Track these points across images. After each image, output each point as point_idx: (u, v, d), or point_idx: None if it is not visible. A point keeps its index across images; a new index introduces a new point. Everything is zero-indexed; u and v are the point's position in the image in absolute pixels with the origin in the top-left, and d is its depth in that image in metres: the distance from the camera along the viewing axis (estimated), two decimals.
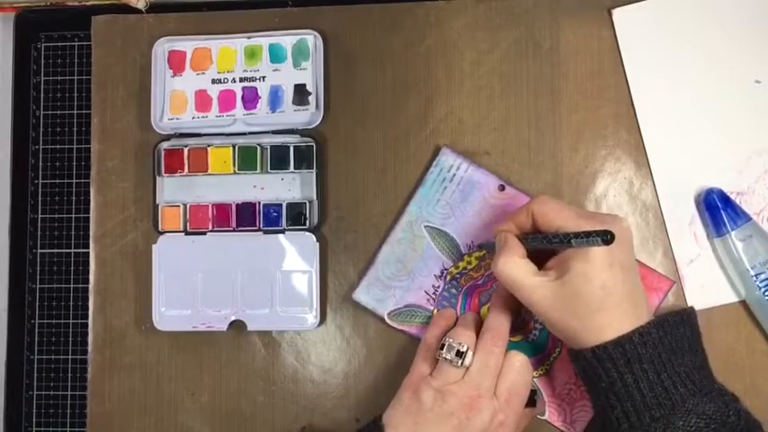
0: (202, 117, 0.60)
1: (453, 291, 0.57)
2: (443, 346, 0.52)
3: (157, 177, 0.60)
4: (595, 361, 0.47)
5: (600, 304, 0.47)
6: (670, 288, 0.56)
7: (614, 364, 0.47)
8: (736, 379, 0.50)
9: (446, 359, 0.51)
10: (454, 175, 0.57)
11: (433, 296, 0.57)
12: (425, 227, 0.58)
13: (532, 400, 0.53)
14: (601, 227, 0.45)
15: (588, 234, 0.45)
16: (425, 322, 0.57)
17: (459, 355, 0.51)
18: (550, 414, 0.56)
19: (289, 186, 0.60)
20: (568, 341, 0.50)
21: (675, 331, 0.48)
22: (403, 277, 0.57)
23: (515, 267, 0.49)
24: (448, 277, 0.57)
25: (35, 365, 0.63)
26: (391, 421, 0.51)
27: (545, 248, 0.50)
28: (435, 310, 0.57)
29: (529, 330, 0.57)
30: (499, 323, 0.53)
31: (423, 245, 0.57)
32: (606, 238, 0.44)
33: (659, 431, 0.45)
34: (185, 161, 0.59)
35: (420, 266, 0.57)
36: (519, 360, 0.52)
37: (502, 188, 0.57)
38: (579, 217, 0.49)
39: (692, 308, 0.51)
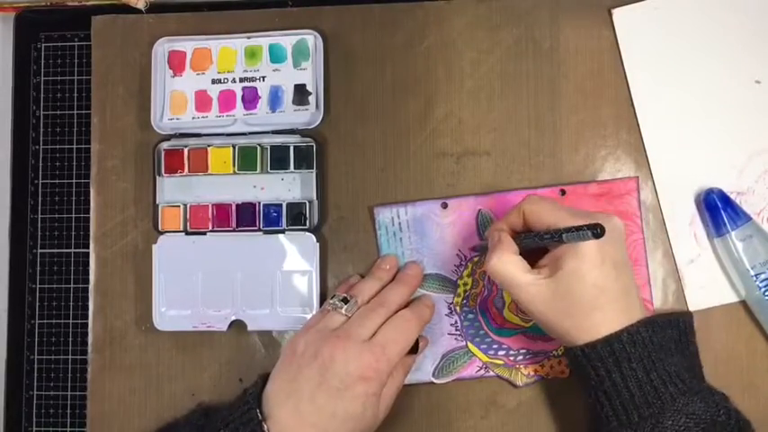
0: (202, 117, 0.60)
1: (471, 316, 0.57)
2: (334, 295, 0.53)
3: (157, 177, 0.60)
4: (585, 359, 0.47)
5: (593, 302, 0.47)
6: (637, 185, 0.56)
7: (603, 363, 0.47)
8: (736, 379, 0.50)
9: (332, 306, 0.52)
10: (399, 223, 0.58)
11: (458, 332, 0.57)
12: None
13: (415, 347, 0.53)
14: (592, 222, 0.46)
15: (579, 228, 0.45)
16: (468, 358, 0.57)
17: (345, 301, 0.52)
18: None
19: (289, 186, 0.60)
20: (562, 340, 0.50)
21: (663, 332, 0.48)
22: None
23: (508, 264, 0.49)
24: (457, 308, 0.57)
25: (35, 365, 0.63)
26: (273, 374, 0.51)
27: (537, 246, 0.50)
28: (469, 343, 0.57)
29: None
30: (389, 295, 0.53)
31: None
32: (596, 231, 0.44)
33: (647, 430, 0.45)
34: (185, 161, 0.59)
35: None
36: (402, 315, 0.52)
37: (444, 206, 0.57)
38: (570, 215, 0.49)
39: (684, 312, 0.51)
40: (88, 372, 0.60)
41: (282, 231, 0.58)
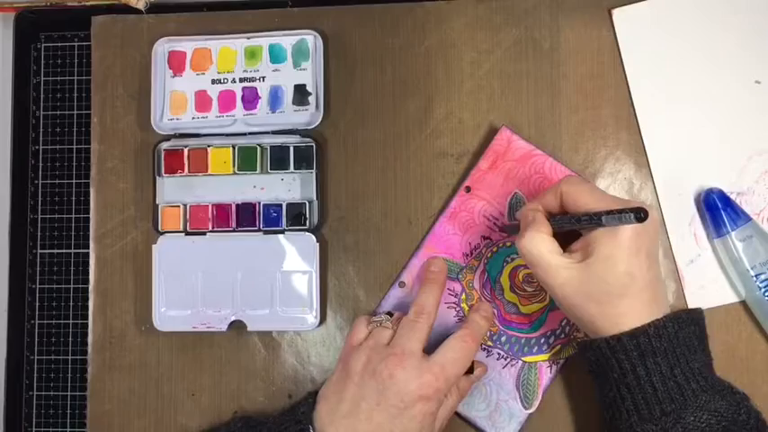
0: (202, 117, 0.60)
1: (503, 338, 0.56)
2: (375, 313, 0.54)
3: (157, 177, 0.60)
4: (609, 351, 0.47)
5: (623, 290, 0.47)
6: (509, 130, 0.57)
7: (627, 356, 0.46)
8: (736, 379, 0.50)
9: (377, 321, 0.53)
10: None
11: (508, 358, 0.56)
12: None
13: (471, 368, 0.53)
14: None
15: (621, 211, 0.44)
16: (536, 370, 0.56)
17: (390, 314, 0.53)
18: None
19: (289, 186, 0.60)
20: (585, 327, 0.50)
21: (688, 328, 0.48)
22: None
23: (541, 244, 0.48)
24: (489, 343, 0.56)
25: (35, 365, 0.63)
26: (324, 393, 0.51)
27: (572, 229, 0.49)
28: (523, 359, 0.56)
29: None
30: (424, 300, 0.53)
31: None
32: (640, 215, 0.43)
33: (669, 425, 0.45)
34: (185, 161, 0.59)
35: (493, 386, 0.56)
36: (459, 336, 0.52)
37: (402, 284, 0.58)
38: (608, 199, 0.48)
39: (700, 309, 0.50)
40: (88, 372, 0.60)
41: (282, 231, 0.58)
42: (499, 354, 0.56)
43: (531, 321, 0.57)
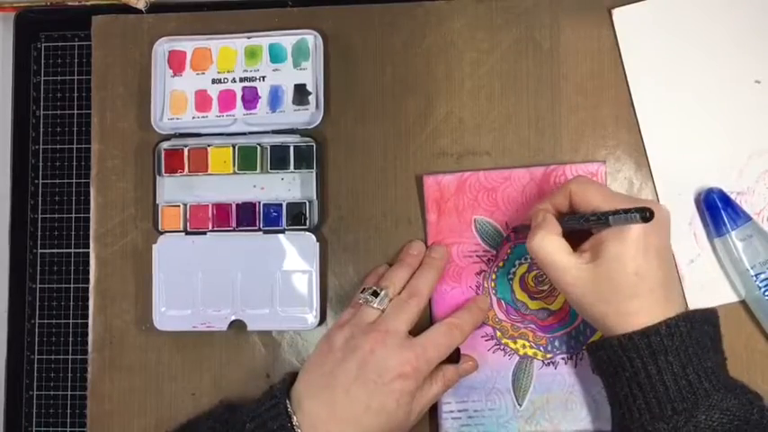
0: (202, 117, 0.60)
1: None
2: (364, 289, 0.53)
3: (157, 177, 0.60)
4: (620, 350, 0.47)
5: (632, 290, 0.47)
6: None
7: (639, 354, 0.46)
8: (736, 378, 0.50)
9: (363, 300, 0.52)
10: None
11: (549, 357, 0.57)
12: None
13: (457, 357, 0.53)
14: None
15: (627, 211, 0.45)
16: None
17: (375, 294, 0.52)
18: None
19: (289, 186, 0.60)
20: (597, 326, 0.50)
21: (701, 327, 0.48)
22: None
23: (552, 244, 0.49)
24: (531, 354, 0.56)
25: (35, 365, 0.63)
26: (304, 366, 0.52)
27: (580, 229, 0.49)
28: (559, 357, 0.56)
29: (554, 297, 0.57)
30: (418, 283, 0.53)
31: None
32: (645, 215, 0.44)
33: (681, 424, 0.45)
34: (185, 161, 0.59)
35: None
36: (448, 322, 0.52)
37: None
38: (617, 198, 0.48)
39: (714, 309, 0.50)
40: (88, 372, 0.60)
41: (282, 231, 0.58)
42: (564, 359, 0.56)
43: (567, 311, 0.56)
